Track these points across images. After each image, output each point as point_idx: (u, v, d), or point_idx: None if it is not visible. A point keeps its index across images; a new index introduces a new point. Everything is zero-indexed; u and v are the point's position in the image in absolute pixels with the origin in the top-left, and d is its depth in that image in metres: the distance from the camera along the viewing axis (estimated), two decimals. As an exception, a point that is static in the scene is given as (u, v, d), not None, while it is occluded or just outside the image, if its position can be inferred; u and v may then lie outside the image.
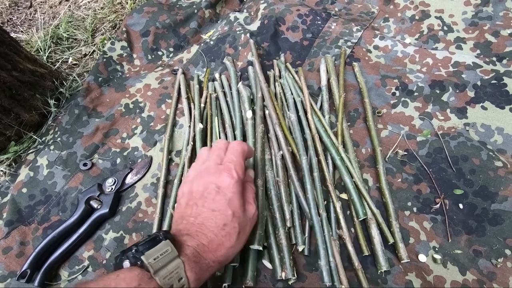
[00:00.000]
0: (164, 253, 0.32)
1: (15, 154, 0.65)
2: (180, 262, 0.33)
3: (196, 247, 0.35)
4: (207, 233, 0.37)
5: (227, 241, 0.37)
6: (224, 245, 0.37)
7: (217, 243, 0.37)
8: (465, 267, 0.45)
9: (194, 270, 0.33)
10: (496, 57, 0.62)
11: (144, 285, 0.29)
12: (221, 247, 0.37)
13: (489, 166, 0.50)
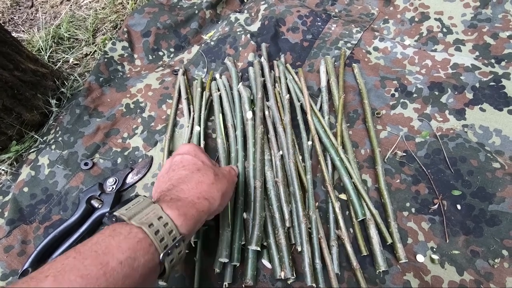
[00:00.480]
0: (135, 203, 0.32)
1: (16, 153, 0.65)
2: (155, 205, 0.32)
3: (174, 193, 0.35)
4: (183, 180, 0.37)
5: (206, 179, 0.38)
6: (205, 182, 0.38)
7: (196, 181, 0.37)
8: (462, 267, 0.45)
9: (173, 207, 0.33)
10: (494, 59, 0.62)
11: (118, 229, 0.28)
12: (202, 184, 0.38)
13: (487, 167, 0.51)
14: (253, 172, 0.53)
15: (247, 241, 0.48)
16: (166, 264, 0.30)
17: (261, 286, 0.48)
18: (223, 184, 0.40)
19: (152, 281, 0.29)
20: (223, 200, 0.39)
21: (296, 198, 0.50)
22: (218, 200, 0.37)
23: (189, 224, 0.33)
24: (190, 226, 0.33)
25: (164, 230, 0.30)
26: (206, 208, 0.35)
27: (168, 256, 0.30)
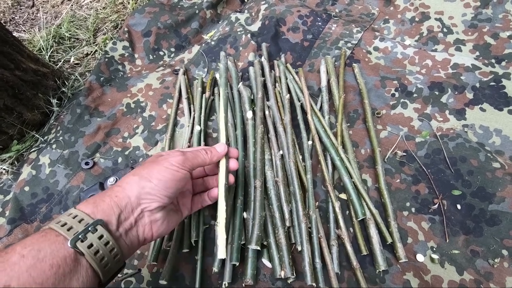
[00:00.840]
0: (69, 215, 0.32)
1: (17, 152, 0.66)
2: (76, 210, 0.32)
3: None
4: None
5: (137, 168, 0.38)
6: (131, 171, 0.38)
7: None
8: (462, 267, 0.45)
9: (87, 202, 0.33)
10: (495, 59, 0.62)
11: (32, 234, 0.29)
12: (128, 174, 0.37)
13: (487, 167, 0.51)
14: (253, 171, 0.53)
15: (247, 241, 0.49)
16: (83, 249, 0.29)
17: (261, 285, 0.48)
18: (149, 168, 0.37)
19: (77, 272, 0.29)
20: (147, 181, 0.36)
21: (296, 197, 0.50)
22: (133, 184, 0.35)
23: (103, 209, 0.32)
24: (106, 212, 0.32)
25: (72, 221, 0.31)
26: (118, 193, 0.34)
27: (83, 242, 0.29)
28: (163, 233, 0.39)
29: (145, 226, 0.36)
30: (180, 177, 0.37)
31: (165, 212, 0.38)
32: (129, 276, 0.51)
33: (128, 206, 0.34)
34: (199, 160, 0.41)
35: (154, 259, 0.49)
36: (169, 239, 0.51)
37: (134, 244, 0.36)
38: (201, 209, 0.54)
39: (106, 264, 0.31)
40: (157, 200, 0.36)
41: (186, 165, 0.38)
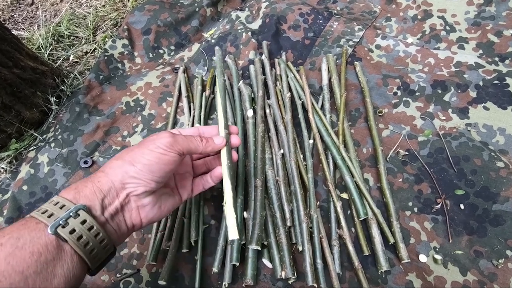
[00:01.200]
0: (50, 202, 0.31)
1: (15, 151, 0.65)
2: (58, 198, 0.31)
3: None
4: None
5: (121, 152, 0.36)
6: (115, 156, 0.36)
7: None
8: (465, 267, 0.45)
9: (69, 188, 0.32)
10: (498, 57, 0.61)
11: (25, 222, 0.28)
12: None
13: (490, 166, 0.50)
14: (254, 170, 0.52)
15: (247, 241, 0.48)
16: (65, 235, 0.28)
17: (261, 285, 0.47)
18: (134, 151, 0.35)
19: (61, 259, 0.28)
20: (131, 165, 0.34)
21: (297, 197, 0.50)
22: (116, 168, 0.34)
23: (86, 195, 0.31)
24: (89, 197, 0.31)
25: (53, 207, 0.30)
26: (101, 178, 0.33)
27: (64, 228, 0.28)
28: (154, 218, 0.37)
29: (132, 211, 0.35)
30: (168, 161, 0.34)
31: (154, 197, 0.36)
32: (128, 276, 0.50)
33: (112, 191, 0.33)
34: (191, 146, 0.37)
35: (153, 259, 0.49)
36: (168, 239, 0.51)
37: (122, 229, 0.34)
38: (200, 208, 0.53)
39: (92, 249, 0.30)
40: (143, 185, 0.34)
41: (175, 148, 0.35)
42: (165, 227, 0.52)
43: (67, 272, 0.28)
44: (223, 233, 0.49)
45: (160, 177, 0.35)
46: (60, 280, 0.27)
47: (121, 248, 0.53)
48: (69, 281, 0.28)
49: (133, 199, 0.34)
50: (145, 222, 0.36)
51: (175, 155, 0.35)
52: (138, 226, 0.36)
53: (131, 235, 0.54)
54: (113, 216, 0.33)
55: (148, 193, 0.35)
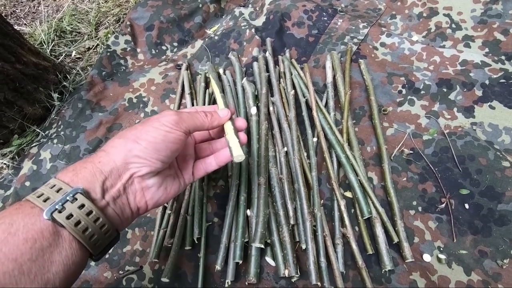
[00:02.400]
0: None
1: (18, 147, 0.65)
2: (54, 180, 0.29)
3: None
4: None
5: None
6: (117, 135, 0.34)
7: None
8: (470, 267, 0.45)
9: (67, 170, 0.30)
10: (505, 56, 0.61)
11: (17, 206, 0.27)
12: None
13: (496, 166, 0.50)
14: (257, 168, 0.52)
15: (250, 239, 0.48)
16: (61, 220, 0.26)
17: (264, 284, 0.47)
18: (138, 129, 0.33)
19: (58, 246, 0.26)
20: (135, 143, 0.31)
21: (301, 195, 0.50)
22: (119, 147, 0.31)
23: (85, 177, 0.29)
24: (88, 179, 0.29)
25: (49, 191, 0.28)
26: (102, 158, 0.31)
27: (61, 213, 0.26)
28: (159, 201, 0.35)
29: (136, 193, 0.33)
30: (174, 139, 0.33)
31: (159, 178, 0.34)
32: (130, 273, 0.50)
33: (114, 171, 0.30)
34: (197, 122, 0.35)
35: (156, 256, 0.49)
36: (171, 236, 0.51)
37: (126, 213, 0.32)
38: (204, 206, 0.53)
39: (92, 235, 0.28)
40: (148, 165, 0.32)
41: (181, 126, 0.33)
42: (168, 224, 0.52)
43: (65, 259, 0.26)
44: (226, 231, 0.49)
45: (166, 157, 0.33)
46: (59, 267, 0.26)
47: (124, 245, 0.53)
48: (68, 268, 0.26)
49: (137, 180, 0.32)
50: (150, 204, 0.34)
51: (181, 133, 0.33)
52: (144, 210, 0.34)
53: (134, 231, 0.54)
54: (115, 199, 0.31)
55: (153, 173, 0.33)
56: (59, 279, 0.25)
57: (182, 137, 0.34)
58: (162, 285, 0.48)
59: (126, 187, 0.32)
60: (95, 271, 0.51)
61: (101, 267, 0.51)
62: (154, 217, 0.54)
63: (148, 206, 0.34)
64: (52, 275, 0.25)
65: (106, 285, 0.50)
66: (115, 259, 0.52)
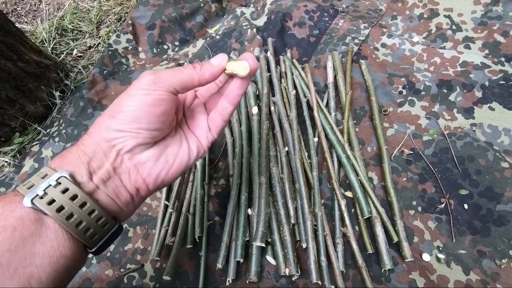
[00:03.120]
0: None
1: (19, 145, 0.65)
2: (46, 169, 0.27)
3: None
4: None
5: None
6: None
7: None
8: (468, 267, 0.45)
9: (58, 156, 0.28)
10: (504, 57, 0.61)
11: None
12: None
13: (495, 167, 0.50)
14: (258, 168, 0.52)
15: (251, 237, 0.48)
16: (42, 206, 0.23)
17: (265, 282, 0.47)
18: (114, 103, 0.29)
19: (41, 235, 0.23)
20: (111, 118, 0.28)
21: (302, 194, 0.50)
22: (98, 125, 0.28)
23: (70, 161, 0.26)
24: (72, 162, 0.26)
25: (35, 178, 0.25)
26: (85, 140, 0.28)
27: (43, 199, 0.24)
28: (162, 177, 0.30)
29: (130, 172, 0.28)
30: (153, 101, 0.28)
31: (155, 150, 0.29)
32: (132, 271, 0.50)
33: (98, 152, 0.27)
34: (182, 77, 0.29)
35: (157, 255, 0.49)
36: (172, 235, 0.51)
37: (124, 197, 0.28)
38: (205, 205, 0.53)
39: (79, 222, 0.25)
40: (131, 137, 0.28)
41: (160, 85, 0.28)
42: (169, 222, 0.52)
43: (51, 251, 0.23)
44: (227, 229, 0.49)
45: (150, 124, 0.28)
46: (43, 260, 0.23)
47: (125, 243, 0.53)
48: (56, 262, 0.23)
49: (127, 157, 0.28)
50: (150, 182, 0.30)
51: (163, 92, 0.28)
52: (145, 191, 0.30)
53: (135, 229, 0.54)
54: (106, 181, 0.27)
55: (143, 146, 0.29)
56: (45, 274, 0.23)
57: (165, 97, 0.28)
58: (163, 283, 0.49)
59: (116, 166, 0.28)
60: (96, 269, 0.51)
61: (103, 265, 0.52)
62: (155, 215, 0.55)
63: (148, 186, 0.30)
64: (36, 268, 0.22)
65: (107, 283, 0.50)
66: (116, 257, 0.52)
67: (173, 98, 0.29)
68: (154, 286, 0.49)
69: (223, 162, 0.59)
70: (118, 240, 0.53)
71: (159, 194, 0.56)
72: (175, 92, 0.29)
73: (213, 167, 0.59)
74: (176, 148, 0.31)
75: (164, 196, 0.55)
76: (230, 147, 0.58)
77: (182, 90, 0.30)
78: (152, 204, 0.56)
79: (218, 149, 0.61)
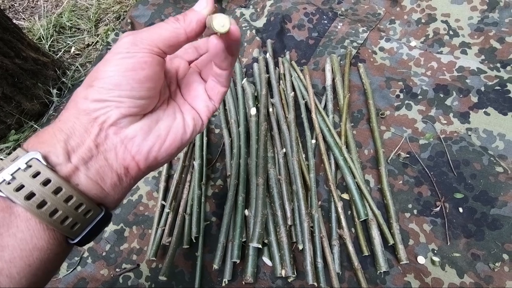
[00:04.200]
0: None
1: (15, 143, 0.64)
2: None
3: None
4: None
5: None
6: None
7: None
8: (463, 270, 0.46)
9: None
10: (500, 63, 0.62)
11: None
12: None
13: (490, 171, 0.51)
14: (256, 169, 0.52)
15: (248, 238, 0.48)
16: (9, 193, 0.21)
17: (261, 283, 0.47)
18: (93, 70, 0.25)
19: (11, 226, 0.21)
20: (89, 87, 0.24)
21: (299, 196, 0.50)
22: (76, 98, 0.24)
23: (44, 140, 0.23)
24: (47, 141, 0.22)
25: (6, 161, 0.22)
26: (62, 116, 0.24)
27: (10, 185, 0.21)
28: (154, 154, 0.26)
29: (117, 148, 0.24)
30: (135, 64, 0.23)
31: (145, 122, 0.25)
32: (127, 271, 0.50)
33: (78, 127, 0.23)
34: (166, 33, 0.25)
35: (153, 255, 0.49)
36: (169, 235, 0.51)
37: (110, 180, 0.24)
38: (202, 205, 0.53)
39: (53, 212, 0.21)
40: (114, 106, 0.23)
41: (141, 46, 0.24)
42: (166, 222, 0.52)
43: (22, 243, 0.20)
44: (224, 230, 0.49)
45: (133, 91, 0.24)
46: (14, 254, 0.20)
47: (121, 243, 0.53)
48: (28, 255, 0.21)
49: (112, 131, 0.24)
50: (141, 160, 0.25)
51: (146, 54, 0.24)
52: (135, 170, 0.25)
53: (131, 229, 0.54)
54: (88, 161, 0.23)
55: (130, 118, 0.24)
56: (16, 269, 0.20)
57: (149, 59, 0.24)
58: (159, 284, 0.48)
59: (99, 143, 0.24)
60: (91, 268, 0.51)
61: (98, 264, 0.51)
62: (152, 215, 0.54)
63: (139, 164, 0.25)
64: (6, 264, 0.20)
65: (102, 282, 0.50)
66: (112, 256, 0.52)
67: (159, 60, 0.25)
68: (150, 286, 0.49)
69: (221, 163, 0.59)
70: (114, 240, 0.53)
71: (156, 194, 0.56)
72: (160, 52, 0.25)
73: (211, 167, 0.59)
74: (169, 122, 0.27)
75: (161, 196, 0.55)
76: (228, 148, 0.58)
77: (169, 49, 0.25)
78: (149, 203, 0.56)
79: (216, 149, 0.61)
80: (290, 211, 0.50)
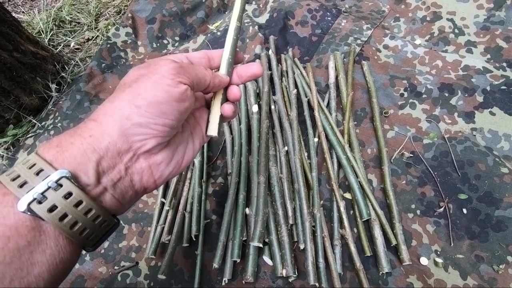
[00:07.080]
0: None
1: (13, 137, 0.64)
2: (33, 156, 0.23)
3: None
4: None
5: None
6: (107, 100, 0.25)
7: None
8: (466, 272, 0.45)
9: (51, 143, 0.23)
10: (506, 62, 0.61)
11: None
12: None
13: (494, 172, 0.50)
14: (257, 167, 0.52)
15: (248, 237, 0.48)
16: (42, 214, 0.20)
17: (261, 283, 0.47)
18: (133, 87, 0.24)
19: (40, 243, 0.21)
20: (133, 107, 0.23)
21: (301, 195, 0.49)
22: (114, 114, 0.23)
23: (73, 155, 0.22)
24: (77, 159, 0.22)
25: (26, 172, 0.21)
26: (93, 130, 0.23)
27: (41, 204, 0.20)
28: (169, 177, 0.28)
29: (143, 173, 0.25)
30: (180, 95, 0.24)
31: (170, 149, 0.27)
32: (126, 269, 0.49)
33: (111, 148, 0.23)
34: (199, 74, 0.27)
35: (152, 253, 0.48)
36: (168, 233, 0.50)
37: (128, 197, 0.25)
38: (202, 203, 0.52)
39: (82, 230, 0.22)
40: (154, 135, 0.24)
41: (183, 77, 0.25)
42: (166, 220, 0.51)
43: (51, 259, 0.21)
44: (224, 229, 0.49)
45: (175, 120, 0.25)
46: (42, 268, 0.21)
47: (120, 240, 0.52)
48: (55, 268, 0.21)
49: (143, 157, 0.25)
50: (159, 183, 0.27)
51: (187, 87, 0.25)
52: (151, 189, 0.28)
53: (130, 226, 0.53)
54: (116, 183, 0.24)
55: (162, 145, 0.26)
56: (43, 281, 0.21)
57: (189, 92, 0.25)
58: (158, 282, 0.48)
59: (129, 166, 0.24)
60: (90, 266, 0.50)
61: (96, 261, 0.51)
62: (151, 212, 0.54)
63: (157, 185, 0.27)
64: (35, 278, 0.20)
65: (100, 280, 0.49)
66: (110, 254, 0.51)
67: (192, 94, 0.26)
68: (149, 284, 0.48)
69: (222, 160, 0.58)
70: (113, 237, 0.52)
71: (155, 191, 0.56)
72: (193, 88, 0.26)
73: (211, 165, 0.58)
74: (184, 147, 0.29)
75: (161, 193, 0.54)
76: (229, 145, 0.57)
77: (197, 87, 0.27)
78: (148, 201, 0.55)
79: (216, 147, 0.60)
80: (292, 210, 0.49)
